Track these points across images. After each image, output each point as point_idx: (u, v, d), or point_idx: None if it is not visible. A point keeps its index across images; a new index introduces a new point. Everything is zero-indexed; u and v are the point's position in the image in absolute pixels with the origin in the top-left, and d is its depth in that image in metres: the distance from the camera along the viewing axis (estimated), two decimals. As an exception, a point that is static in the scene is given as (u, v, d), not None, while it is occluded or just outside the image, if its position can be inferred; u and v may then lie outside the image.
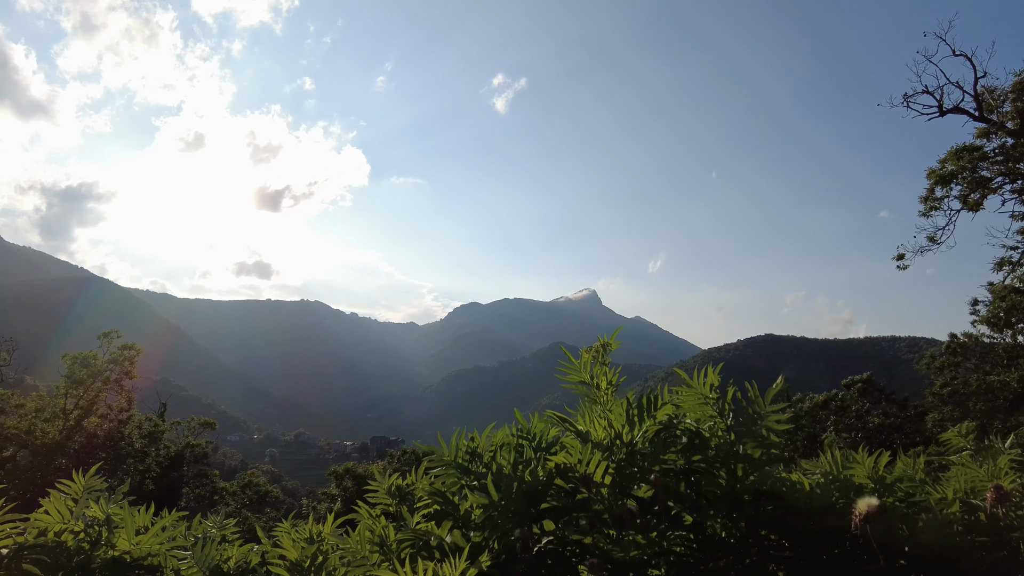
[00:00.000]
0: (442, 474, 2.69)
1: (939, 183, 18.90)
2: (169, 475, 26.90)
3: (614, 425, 2.57)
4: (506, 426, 2.99)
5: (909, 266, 21.32)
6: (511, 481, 2.37)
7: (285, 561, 2.67)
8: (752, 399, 2.56)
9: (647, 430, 2.55)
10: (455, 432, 2.72)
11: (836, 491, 2.69)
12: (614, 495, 2.44)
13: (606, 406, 2.62)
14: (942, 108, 18.22)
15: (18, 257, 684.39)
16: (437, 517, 2.70)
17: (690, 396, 2.59)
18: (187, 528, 3.63)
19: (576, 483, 2.45)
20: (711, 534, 2.37)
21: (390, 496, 2.99)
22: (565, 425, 2.65)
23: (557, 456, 2.50)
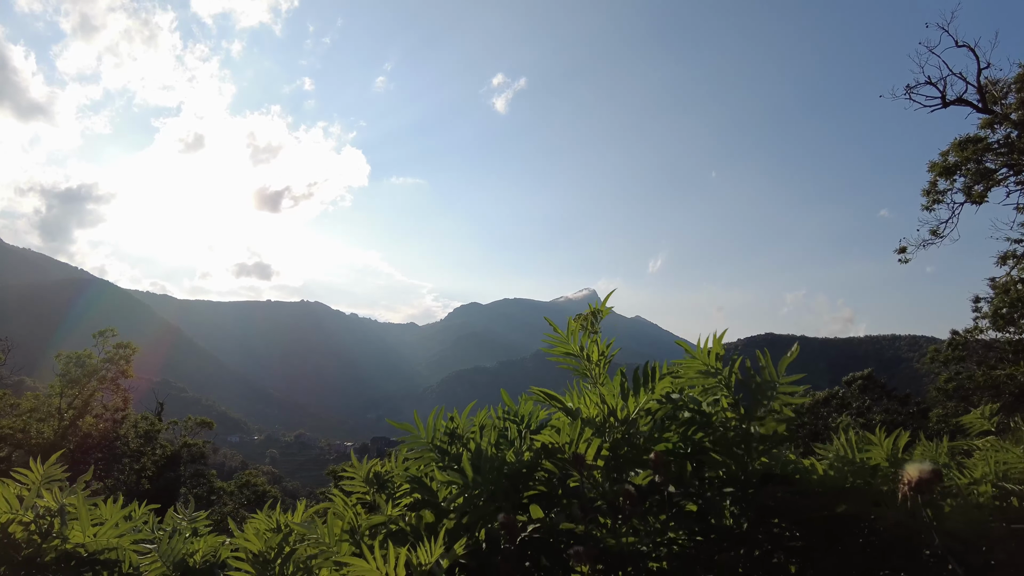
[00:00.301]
0: (418, 457, 2.45)
1: (942, 175, 18.64)
2: (166, 475, 26.64)
3: (607, 401, 2.32)
4: (489, 407, 2.76)
5: (911, 259, 21.08)
6: (492, 462, 2.13)
7: (247, 553, 2.44)
8: (762, 368, 2.32)
9: (645, 405, 2.30)
10: (432, 411, 2.48)
11: (851, 475, 2.46)
12: (608, 478, 2.20)
13: (598, 380, 2.38)
14: (945, 99, 17.98)
15: (18, 259, 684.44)
16: (415, 506, 2.46)
17: (692, 367, 2.35)
18: (158, 521, 3.40)
19: (566, 465, 2.21)
20: (717, 523, 2.12)
21: (367, 484, 2.76)
22: (552, 402, 2.40)
23: (543, 435, 2.26)
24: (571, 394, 2.46)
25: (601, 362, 2.43)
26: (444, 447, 2.46)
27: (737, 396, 2.28)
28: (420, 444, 2.47)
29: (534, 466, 2.21)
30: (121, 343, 26.00)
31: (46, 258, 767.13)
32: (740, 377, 2.34)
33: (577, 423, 2.18)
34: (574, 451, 2.15)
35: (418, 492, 2.43)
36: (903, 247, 21.32)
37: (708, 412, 2.24)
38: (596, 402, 2.36)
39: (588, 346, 2.43)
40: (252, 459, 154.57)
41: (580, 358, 2.42)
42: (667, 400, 2.31)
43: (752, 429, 2.16)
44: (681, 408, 2.26)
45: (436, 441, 2.45)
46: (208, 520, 3.33)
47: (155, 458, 26.21)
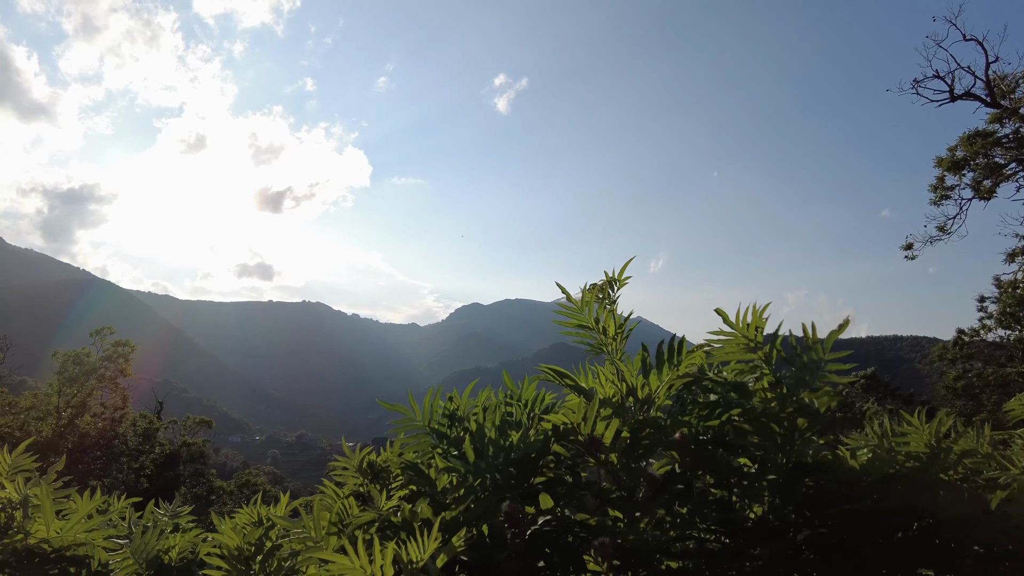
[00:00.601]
0: (414, 442, 2.20)
1: (951, 170, 18.35)
2: (165, 474, 26.40)
3: (626, 379, 2.07)
4: (490, 387, 2.50)
5: (918, 256, 20.80)
6: (496, 446, 1.89)
7: (223, 549, 2.19)
8: (809, 344, 2.06)
9: (669, 384, 2.05)
10: (429, 391, 2.23)
11: (900, 462, 2.21)
12: (627, 464, 1.95)
13: (615, 356, 2.12)
14: (953, 93, 17.71)
15: (20, 259, 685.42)
16: (411, 497, 2.22)
17: (728, 342, 2.09)
18: (138, 516, 3.16)
19: (580, 449, 1.96)
20: (751, 515, 1.87)
21: (361, 474, 2.51)
22: (564, 381, 2.14)
23: (554, 415, 2.01)
24: (583, 376, 2.21)
25: (618, 337, 2.18)
26: (443, 431, 2.21)
27: (779, 374, 2.03)
28: (415, 428, 2.22)
29: (543, 451, 1.96)
30: (119, 341, 25.77)
31: (48, 258, 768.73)
32: (783, 353, 2.09)
33: (594, 402, 1.92)
34: (590, 433, 1.90)
35: (414, 482, 2.19)
36: (909, 243, 21.05)
37: (748, 388, 1.98)
38: (613, 380, 2.11)
39: (604, 319, 2.17)
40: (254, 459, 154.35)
41: (595, 331, 2.16)
42: (697, 378, 2.05)
43: (799, 408, 1.89)
44: (715, 387, 2.01)
45: (433, 424, 2.20)
46: (192, 516, 3.09)
47: (154, 457, 25.96)
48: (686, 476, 1.76)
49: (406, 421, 2.20)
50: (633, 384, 2.07)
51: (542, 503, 2.04)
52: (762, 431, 1.92)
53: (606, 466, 1.94)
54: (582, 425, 1.91)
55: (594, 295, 2.18)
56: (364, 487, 2.50)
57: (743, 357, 2.14)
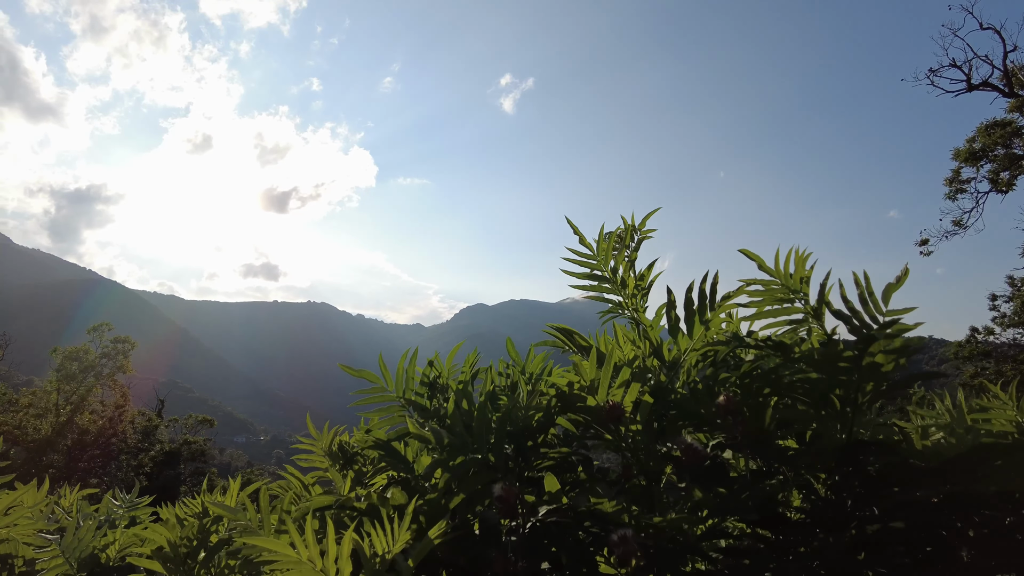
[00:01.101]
0: (385, 415, 1.81)
1: (968, 161, 17.84)
2: (166, 473, 26.07)
3: (650, 337, 1.68)
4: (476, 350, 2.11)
5: (933, 251, 20.30)
6: (487, 416, 1.49)
7: (162, 544, 1.81)
8: (865, 295, 1.66)
9: (702, 343, 1.65)
10: (403, 354, 1.84)
11: (972, 441, 1.82)
12: (651, 439, 1.56)
13: (637, 311, 1.73)
14: (971, 83, 17.21)
15: (27, 260, 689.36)
16: (391, 483, 1.83)
17: (767, 292, 1.70)
18: (94, 509, 2.79)
19: (592, 422, 1.56)
20: (808, 498, 1.47)
21: (330, 458, 2.12)
22: (573, 342, 1.75)
23: (559, 376, 1.62)
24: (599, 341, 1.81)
25: (639, 293, 1.79)
26: (421, 402, 1.82)
27: (831, 331, 1.64)
28: (387, 399, 1.83)
29: (547, 423, 1.57)
30: (119, 338, 25.46)
31: (55, 259, 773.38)
32: (832, 307, 1.69)
33: (608, 362, 1.53)
34: (605, 399, 1.51)
35: (388, 464, 1.80)
36: (924, 239, 20.55)
37: (790, 350, 1.58)
38: (634, 340, 1.72)
39: (623, 270, 1.78)
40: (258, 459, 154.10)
41: (612, 283, 1.77)
42: (733, 338, 1.66)
43: (857, 374, 1.49)
44: (756, 344, 1.61)
45: (409, 394, 1.81)
46: (152, 507, 2.71)
47: (153, 455, 25.62)
48: (739, 447, 1.36)
49: (376, 391, 1.81)
50: (657, 344, 1.68)
51: (547, 485, 1.65)
52: (818, 399, 1.52)
53: (626, 441, 1.54)
54: (598, 390, 1.52)
55: (611, 242, 1.79)
56: (333, 472, 2.11)
57: (784, 312, 1.75)
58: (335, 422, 2.25)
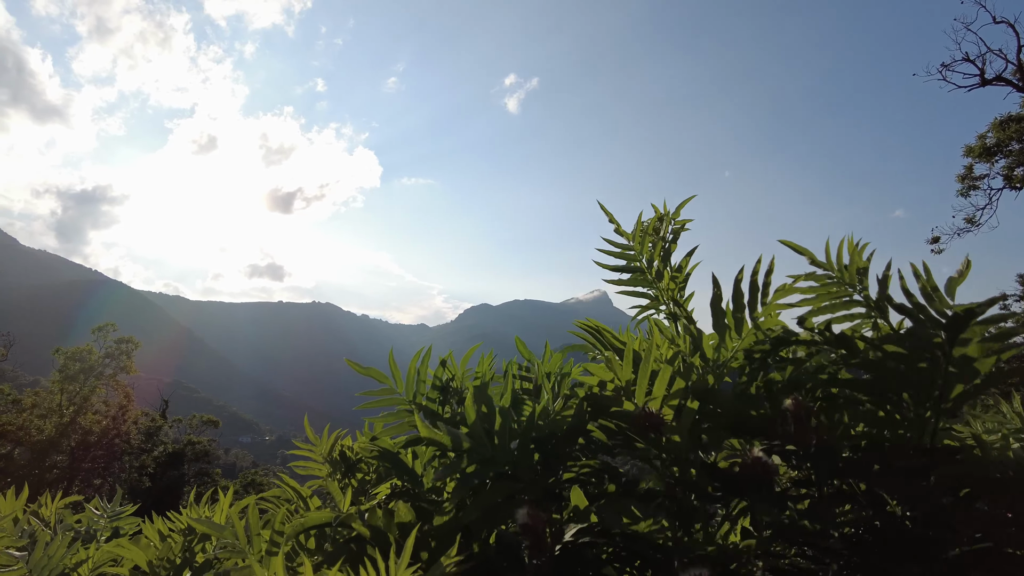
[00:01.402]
0: (394, 422, 1.61)
1: (982, 157, 17.53)
2: (169, 473, 25.94)
3: (692, 333, 1.47)
4: (493, 352, 1.92)
5: (944, 249, 19.98)
6: (509, 421, 1.29)
7: (129, 565, 1.62)
8: (928, 289, 1.46)
9: (751, 342, 1.45)
10: (415, 354, 1.64)
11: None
12: (694, 448, 1.35)
13: (680, 304, 1.53)
14: (984, 77, 16.90)
15: (34, 260, 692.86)
16: (398, 497, 1.63)
17: (819, 287, 1.50)
18: (76, 520, 2.60)
19: (629, 426, 1.36)
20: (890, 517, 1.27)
21: (330, 465, 1.92)
22: (605, 339, 1.54)
23: (590, 377, 1.41)
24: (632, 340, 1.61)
25: (673, 288, 1.58)
26: (432, 407, 1.61)
27: (898, 324, 1.43)
28: (396, 402, 1.63)
29: (576, 428, 1.36)
30: (122, 338, 25.32)
31: (61, 259, 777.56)
32: (894, 301, 1.49)
33: (646, 360, 1.32)
34: (644, 405, 1.30)
35: (393, 471, 1.60)
36: (936, 237, 20.22)
37: (855, 346, 1.37)
38: (672, 336, 1.52)
39: (658, 260, 1.57)
40: (263, 460, 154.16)
41: (647, 274, 1.56)
42: (784, 335, 1.45)
43: (943, 374, 1.28)
44: (813, 339, 1.40)
45: (420, 398, 1.61)
46: (136, 519, 2.52)
47: (155, 456, 25.47)
48: (814, 456, 1.15)
49: (384, 394, 1.61)
50: (696, 340, 1.47)
51: (574, 500, 1.44)
52: (894, 401, 1.31)
53: (664, 451, 1.34)
54: (634, 392, 1.31)
55: (649, 230, 1.58)
56: (332, 480, 1.91)
57: (839, 308, 1.54)
58: (339, 423, 2.07)
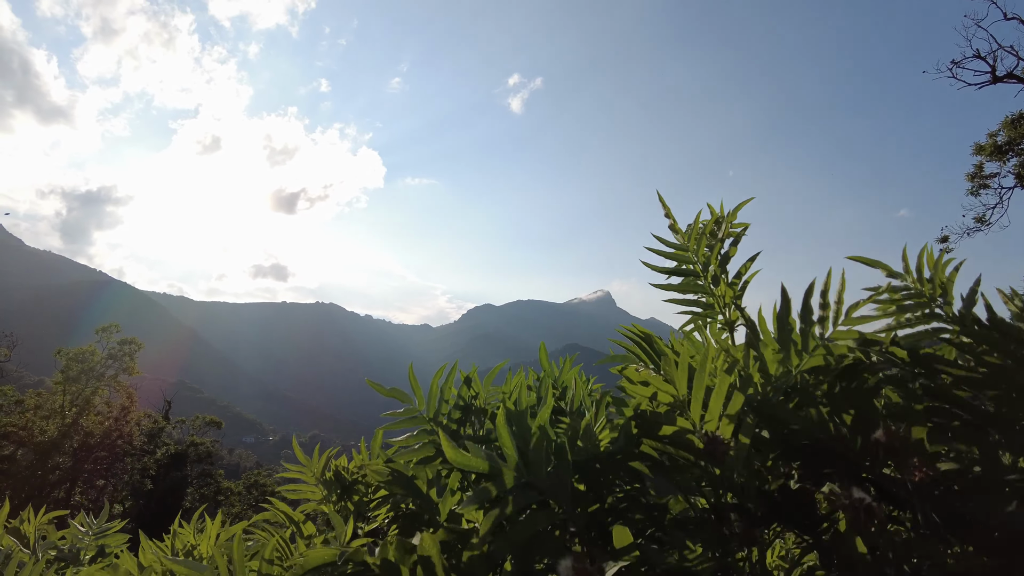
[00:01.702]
0: (410, 442, 1.43)
1: (992, 156, 17.30)
2: (172, 474, 25.82)
3: (757, 347, 1.29)
4: (524, 369, 1.74)
5: (954, 249, 19.74)
6: (545, 444, 1.11)
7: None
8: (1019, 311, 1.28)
9: (818, 360, 1.26)
10: (438, 370, 1.47)
11: None
12: (755, 477, 1.17)
13: (741, 310, 1.35)
14: (995, 74, 16.66)
15: (38, 261, 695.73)
16: (406, 522, 1.45)
17: (896, 302, 1.32)
18: (60, 538, 2.42)
19: (679, 453, 1.18)
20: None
21: (324, 487, 1.74)
22: (652, 347, 1.36)
23: (639, 386, 1.23)
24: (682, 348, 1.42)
25: (728, 293, 1.40)
26: (454, 426, 1.43)
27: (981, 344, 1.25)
28: (416, 423, 1.45)
29: (625, 452, 1.18)
30: (125, 339, 25.20)
31: (65, 260, 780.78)
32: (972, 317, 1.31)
33: (701, 373, 1.14)
34: (700, 426, 1.12)
35: (405, 498, 1.42)
36: (945, 236, 20.00)
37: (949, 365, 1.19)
38: (729, 350, 1.34)
39: (713, 264, 1.39)
40: (267, 460, 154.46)
41: (702, 280, 1.38)
42: (865, 345, 1.27)
43: None
44: (891, 358, 1.21)
45: (441, 417, 1.43)
46: (126, 534, 2.34)
47: (157, 458, 25.34)
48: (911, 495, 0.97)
49: (406, 414, 1.43)
50: (762, 356, 1.29)
51: (616, 539, 1.26)
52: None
53: (723, 481, 1.15)
54: (690, 411, 1.13)
55: (707, 230, 1.40)
56: (326, 505, 1.73)
57: (928, 321, 1.36)
58: (342, 423, 1.87)
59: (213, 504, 26.58)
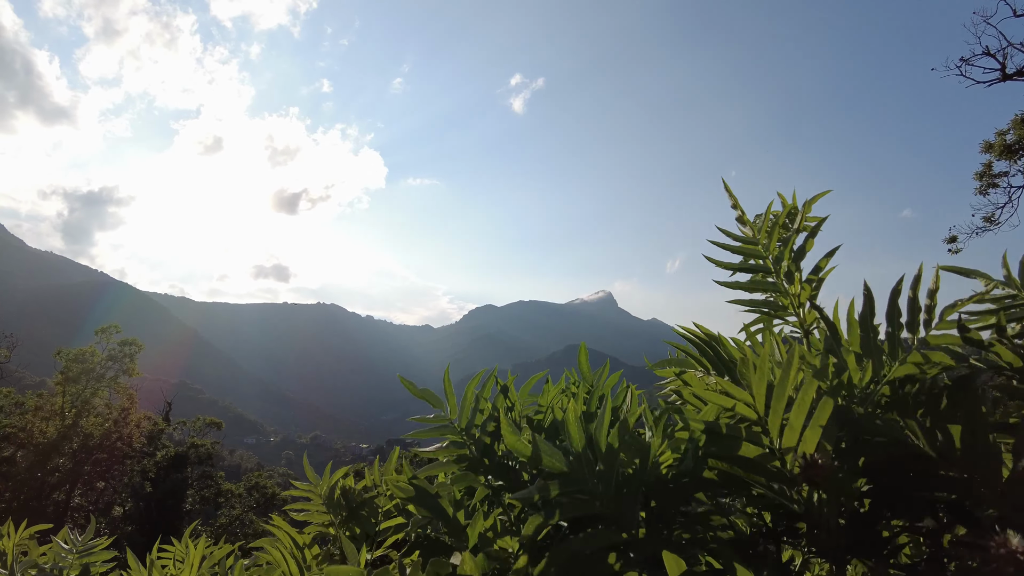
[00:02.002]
0: (443, 457, 1.26)
1: (1002, 155, 17.09)
2: (172, 476, 25.65)
3: (839, 354, 1.12)
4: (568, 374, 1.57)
5: (962, 249, 19.55)
6: (615, 453, 0.93)
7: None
8: None
9: (910, 368, 1.09)
10: (475, 377, 1.29)
11: None
12: (839, 502, 1.00)
13: (818, 310, 1.18)
14: (1005, 72, 16.46)
15: (40, 262, 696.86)
16: (427, 549, 1.27)
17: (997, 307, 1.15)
18: (41, 554, 2.25)
19: (763, 473, 1.00)
20: None
21: (331, 509, 1.56)
22: (718, 353, 1.18)
23: (711, 398, 1.05)
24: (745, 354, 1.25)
25: (804, 293, 1.23)
26: (487, 441, 1.26)
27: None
28: (446, 433, 1.27)
29: (696, 473, 1.00)
30: (125, 340, 25.02)
31: (67, 260, 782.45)
32: None
33: (785, 379, 0.96)
34: (807, 454, 0.94)
35: (430, 521, 1.24)
36: (953, 236, 19.79)
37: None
38: (803, 353, 1.16)
39: (786, 259, 1.22)
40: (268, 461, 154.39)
41: (774, 276, 1.21)
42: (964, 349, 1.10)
43: None
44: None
45: (474, 429, 1.25)
46: (112, 551, 2.16)
47: (157, 460, 25.16)
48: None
49: (437, 421, 1.25)
50: (844, 363, 1.11)
51: (669, 570, 1.08)
52: None
53: (818, 510, 0.98)
54: (785, 425, 0.95)
55: (780, 221, 1.22)
56: (334, 528, 1.56)
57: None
58: (345, 423, 1.70)
59: (213, 506, 26.41)
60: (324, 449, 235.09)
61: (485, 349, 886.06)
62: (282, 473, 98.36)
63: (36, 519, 23.07)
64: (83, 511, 24.74)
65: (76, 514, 24.59)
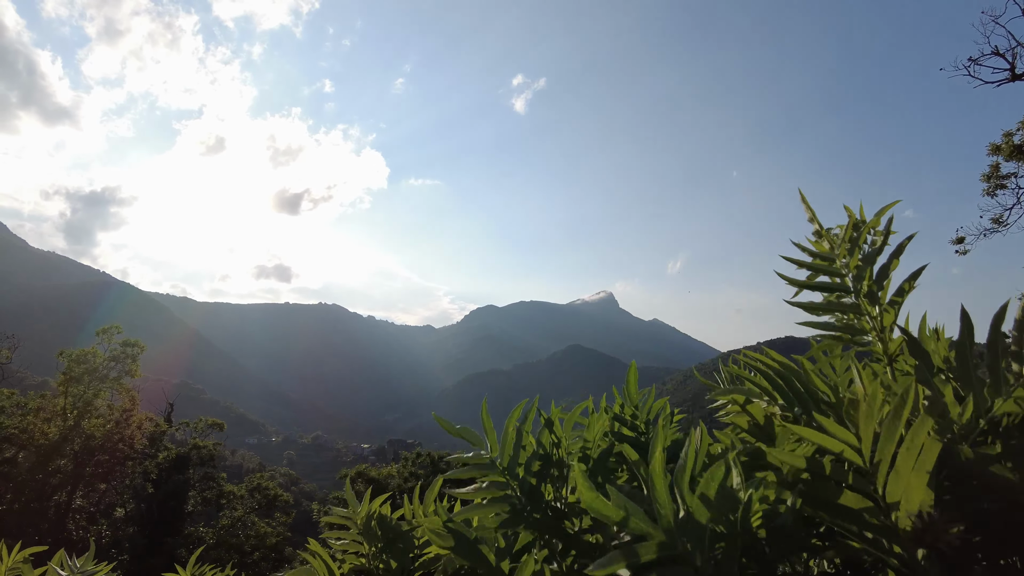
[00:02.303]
0: (478, 496, 1.12)
1: (1011, 156, 16.91)
2: (174, 478, 25.53)
3: (936, 386, 0.98)
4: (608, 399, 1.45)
5: (970, 250, 19.38)
6: (705, 512, 0.79)
7: None
8: None
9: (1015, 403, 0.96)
10: (516, 408, 1.16)
11: None
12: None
13: (888, 342, 1.04)
14: (1014, 72, 16.28)
15: (43, 262, 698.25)
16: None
17: None
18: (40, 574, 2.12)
19: (874, 530, 0.87)
20: None
21: (368, 539, 1.43)
22: (801, 384, 1.04)
23: (803, 447, 0.92)
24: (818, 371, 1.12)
25: (888, 316, 1.09)
26: (533, 482, 1.12)
27: None
28: (486, 472, 1.14)
29: (794, 526, 0.87)
30: (127, 341, 24.91)
31: (70, 261, 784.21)
32: None
33: (896, 424, 0.83)
34: (922, 513, 0.80)
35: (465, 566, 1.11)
36: (960, 237, 19.61)
37: None
38: (888, 383, 1.03)
39: (869, 281, 1.08)
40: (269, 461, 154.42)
41: (852, 297, 1.07)
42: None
43: None
44: None
45: (518, 469, 1.12)
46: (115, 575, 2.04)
47: (158, 462, 25.04)
48: None
49: (476, 460, 1.12)
50: (939, 392, 0.97)
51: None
52: None
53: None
54: (874, 478, 0.81)
55: (863, 235, 1.09)
56: (369, 561, 1.43)
57: None
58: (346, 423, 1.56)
59: (215, 508, 26.28)
60: (325, 449, 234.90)
61: (486, 349, 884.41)
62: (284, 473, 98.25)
63: (37, 521, 22.95)
64: (84, 512, 24.64)
65: (77, 516, 24.49)
